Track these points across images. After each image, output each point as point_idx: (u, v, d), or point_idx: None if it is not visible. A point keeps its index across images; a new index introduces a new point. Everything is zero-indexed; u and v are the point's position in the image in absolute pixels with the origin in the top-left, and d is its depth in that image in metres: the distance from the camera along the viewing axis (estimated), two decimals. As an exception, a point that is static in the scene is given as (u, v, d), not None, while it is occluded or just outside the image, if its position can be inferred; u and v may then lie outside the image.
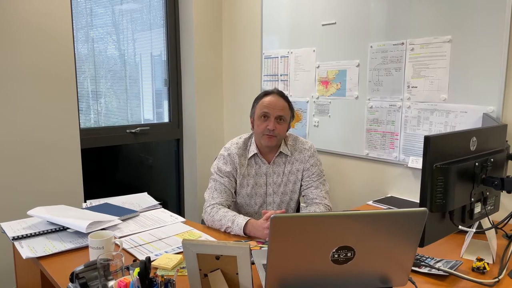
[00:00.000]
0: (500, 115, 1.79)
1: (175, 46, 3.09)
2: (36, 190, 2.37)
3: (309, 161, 1.86)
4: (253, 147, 1.85)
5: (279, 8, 2.69)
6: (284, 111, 1.78)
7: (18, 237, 1.53)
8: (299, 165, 1.86)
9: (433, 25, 1.96)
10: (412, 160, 2.10)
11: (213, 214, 1.70)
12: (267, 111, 1.76)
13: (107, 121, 2.86)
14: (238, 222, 1.60)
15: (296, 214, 0.97)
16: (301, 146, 1.88)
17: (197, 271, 1.06)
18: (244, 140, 1.88)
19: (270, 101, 1.77)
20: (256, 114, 1.80)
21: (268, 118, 1.76)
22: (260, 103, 1.80)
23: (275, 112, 1.76)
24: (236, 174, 1.83)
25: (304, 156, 1.87)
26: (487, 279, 1.22)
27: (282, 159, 1.86)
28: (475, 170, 1.22)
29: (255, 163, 1.85)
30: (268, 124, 1.75)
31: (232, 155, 1.83)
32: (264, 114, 1.77)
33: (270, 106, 1.76)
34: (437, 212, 1.16)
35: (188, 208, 3.28)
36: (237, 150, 1.84)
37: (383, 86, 2.19)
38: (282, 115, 1.77)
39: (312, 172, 1.85)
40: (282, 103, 1.78)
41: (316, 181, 1.85)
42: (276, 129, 1.75)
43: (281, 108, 1.77)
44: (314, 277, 1.02)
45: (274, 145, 1.81)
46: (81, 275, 1.14)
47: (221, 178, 1.81)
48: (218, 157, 1.87)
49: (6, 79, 2.21)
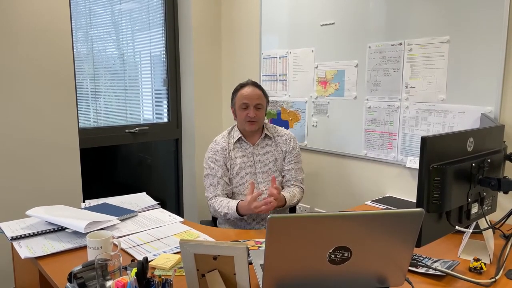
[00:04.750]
0: (498, 116, 1.79)
1: (174, 46, 3.09)
2: (35, 190, 2.37)
3: (291, 143, 2.10)
4: (236, 133, 2.07)
5: (278, 8, 2.69)
6: (261, 99, 2.03)
7: (16, 237, 1.54)
8: (283, 146, 2.09)
9: (431, 26, 1.97)
10: (410, 160, 2.11)
11: (213, 205, 1.94)
12: (247, 101, 2.00)
13: (106, 121, 2.86)
14: (231, 207, 1.86)
15: (293, 215, 0.98)
16: (281, 131, 2.14)
17: (195, 271, 1.07)
18: (228, 131, 2.11)
19: (247, 92, 2.02)
20: (237, 105, 2.04)
21: (248, 107, 2.00)
22: (239, 95, 2.04)
23: (253, 101, 2.00)
24: (226, 159, 2.02)
25: (286, 139, 2.10)
26: (484, 279, 1.23)
27: (266, 141, 2.09)
28: (472, 170, 1.22)
29: (241, 146, 2.06)
30: (249, 112, 2.00)
31: (218, 143, 2.05)
32: (244, 105, 2.01)
33: (248, 97, 2.00)
34: (434, 213, 1.16)
35: (187, 208, 3.28)
36: (223, 139, 2.07)
37: (382, 86, 2.19)
38: (260, 103, 2.02)
39: (293, 154, 2.08)
40: (258, 92, 2.03)
41: (296, 163, 2.08)
42: (256, 115, 2.00)
43: (258, 97, 2.02)
44: (311, 277, 1.02)
45: (256, 129, 2.05)
46: (79, 275, 1.14)
47: (213, 170, 2.01)
48: (207, 152, 2.07)
49: (4, 78, 2.21)
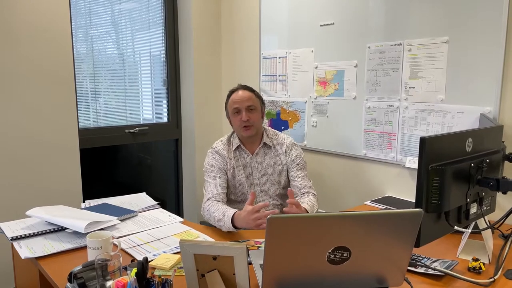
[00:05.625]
0: (497, 116, 1.80)
1: (174, 46, 3.09)
2: (35, 190, 2.37)
3: (292, 152, 1.98)
4: (235, 140, 1.98)
5: (278, 8, 2.69)
6: (252, 100, 1.92)
7: (16, 237, 1.54)
8: (282, 157, 1.98)
9: (430, 26, 1.97)
10: (409, 160, 2.11)
11: (208, 208, 1.77)
12: (237, 106, 1.92)
13: (106, 121, 2.87)
14: (227, 214, 1.65)
15: (292, 215, 0.98)
16: (282, 140, 2.01)
17: (195, 272, 1.07)
18: (227, 137, 2.02)
19: (237, 96, 1.93)
20: (230, 112, 1.97)
21: (240, 111, 1.91)
22: (230, 102, 1.96)
23: (244, 103, 1.90)
24: (227, 167, 1.94)
25: (286, 149, 1.98)
26: (482, 279, 1.23)
27: (265, 150, 1.99)
28: (470, 171, 1.23)
29: (240, 155, 1.97)
30: (241, 116, 1.90)
31: (219, 151, 1.95)
32: (235, 109, 1.92)
33: (238, 100, 1.92)
34: (433, 213, 1.16)
35: (187, 208, 3.28)
36: (222, 146, 1.97)
37: (381, 87, 2.19)
38: (251, 104, 1.91)
39: (297, 163, 1.97)
40: (247, 94, 1.93)
41: (300, 171, 1.96)
42: (250, 118, 1.90)
43: (247, 98, 1.92)
44: (311, 277, 1.02)
45: (255, 134, 1.94)
46: (79, 275, 1.14)
47: (213, 173, 1.91)
48: (207, 155, 1.99)
49: (3, 78, 2.21)
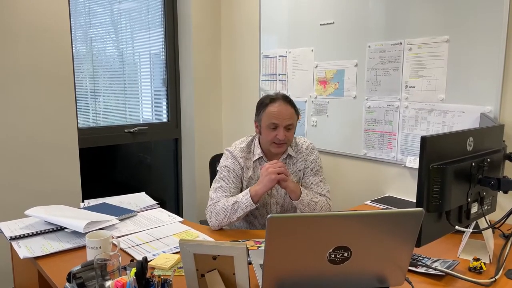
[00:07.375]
0: (498, 115, 1.79)
1: (173, 45, 3.09)
2: (34, 190, 2.36)
3: (309, 158, 1.84)
4: (257, 150, 1.82)
5: (278, 8, 2.69)
6: (293, 119, 1.75)
7: (15, 237, 1.54)
8: (301, 164, 1.84)
9: (431, 25, 1.97)
10: (409, 160, 2.10)
11: (215, 207, 1.67)
12: (276, 122, 1.71)
13: (105, 120, 2.86)
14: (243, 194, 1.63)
15: (293, 214, 0.98)
16: (301, 146, 1.87)
17: (194, 271, 1.06)
18: (247, 144, 1.85)
19: (278, 111, 1.72)
20: (264, 122, 1.75)
21: (277, 128, 1.72)
22: (267, 112, 1.74)
23: (284, 122, 1.71)
24: (243, 176, 1.80)
25: (305, 155, 1.85)
26: (483, 279, 1.22)
27: (287, 161, 1.84)
28: (471, 170, 1.22)
29: (259, 168, 1.79)
30: (278, 134, 1.71)
31: (237, 158, 1.79)
32: (273, 125, 1.72)
33: (279, 116, 1.71)
34: (433, 212, 1.16)
35: (186, 208, 3.28)
36: (241, 153, 1.81)
37: (381, 86, 2.19)
38: (291, 123, 1.74)
39: (311, 168, 1.83)
40: (290, 111, 1.74)
41: (315, 176, 1.83)
42: (286, 137, 1.72)
43: (289, 117, 1.72)
44: (311, 277, 1.02)
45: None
46: (78, 275, 1.14)
47: (229, 178, 1.76)
48: (225, 156, 1.83)
49: (3, 78, 2.21)
